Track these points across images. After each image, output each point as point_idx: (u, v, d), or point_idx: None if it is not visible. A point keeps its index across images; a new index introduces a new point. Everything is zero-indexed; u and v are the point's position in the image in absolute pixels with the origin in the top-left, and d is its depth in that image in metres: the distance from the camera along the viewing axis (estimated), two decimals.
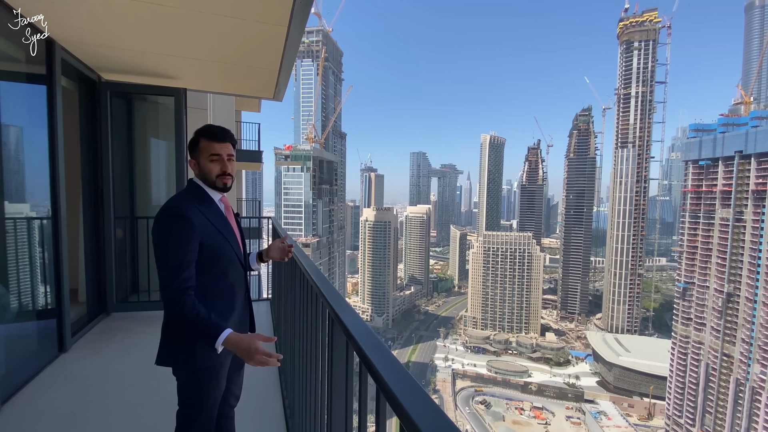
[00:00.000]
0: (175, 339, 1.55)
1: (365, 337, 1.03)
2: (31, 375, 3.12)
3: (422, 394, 0.72)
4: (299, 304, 2.21)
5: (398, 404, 0.69)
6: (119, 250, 4.72)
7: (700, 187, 62.91)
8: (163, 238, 1.46)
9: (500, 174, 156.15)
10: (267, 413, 2.62)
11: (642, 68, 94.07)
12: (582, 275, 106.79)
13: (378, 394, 0.80)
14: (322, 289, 1.56)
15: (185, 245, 1.45)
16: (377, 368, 0.84)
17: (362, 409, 1.04)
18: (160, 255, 1.46)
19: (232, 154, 1.66)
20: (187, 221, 1.46)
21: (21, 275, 3.34)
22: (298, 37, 3.21)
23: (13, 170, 3.27)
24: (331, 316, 1.31)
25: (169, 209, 1.49)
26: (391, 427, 3.61)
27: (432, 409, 0.67)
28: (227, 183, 1.64)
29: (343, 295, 4.52)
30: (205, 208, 1.57)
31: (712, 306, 58.75)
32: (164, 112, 5.03)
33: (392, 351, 2.15)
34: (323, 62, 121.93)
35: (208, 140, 1.60)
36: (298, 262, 2.35)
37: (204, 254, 1.51)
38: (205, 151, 1.60)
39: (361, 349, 0.97)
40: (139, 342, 4.00)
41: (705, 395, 57.61)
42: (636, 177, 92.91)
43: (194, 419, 1.58)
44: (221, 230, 1.58)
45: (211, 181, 1.61)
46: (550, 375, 77.63)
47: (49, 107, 3.47)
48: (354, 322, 1.13)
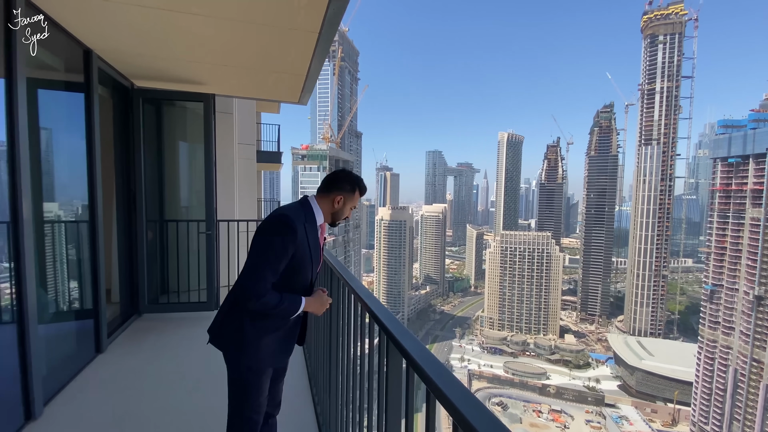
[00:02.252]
0: (231, 330, 1.67)
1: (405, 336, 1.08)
2: (71, 376, 3.23)
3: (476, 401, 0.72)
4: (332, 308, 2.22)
5: (453, 407, 0.70)
6: (150, 252, 4.85)
7: (730, 186, 60.38)
8: (267, 239, 1.60)
9: (518, 172, 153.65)
10: (300, 421, 2.64)
11: (667, 63, 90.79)
12: (603, 276, 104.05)
13: (428, 395, 0.85)
14: (361, 295, 1.55)
15: (282, 251, 1.59)
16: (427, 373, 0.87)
17: (410, 413, 1.09)
18: (258, 253, 1.59)
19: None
20: (293, 232, 1.60)
21: (59, 276, 3.46)
22: (327, 43, 3.21)
23: (53, 175, 3.39)
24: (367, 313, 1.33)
25: (282, 217, 1.62)
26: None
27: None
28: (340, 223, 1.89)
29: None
30: (308, 227, 1.70)
31: (741, 309, 56.40)
32: (193, 117, 5.13)
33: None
34: (339, 62, 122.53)
35: (360, 195, 1.84)
36: (330, 264, 2.36)
37: (289, 267, 1.64)
38: (355, 201, 1.83)
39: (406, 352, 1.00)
40: (171, 343, 4.10)
41: (733, 401, 55.37)
42: (661, 175, 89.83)
43: (239, 415, 1.69)
44: (312, 252, 1.70)
45: (337, 219, 1.83)
46: (569, 378, 76.01)
47: (87, 114, 3.58)
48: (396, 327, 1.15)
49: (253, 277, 1.56)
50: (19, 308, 2.50)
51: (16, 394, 2.50)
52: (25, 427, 2.51)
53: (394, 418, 1.23)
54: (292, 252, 1.61)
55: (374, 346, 1.51)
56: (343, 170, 1.84)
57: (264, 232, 1.61)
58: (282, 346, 1.75)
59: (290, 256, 1.62)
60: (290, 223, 1.59)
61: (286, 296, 1.63)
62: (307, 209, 1.73)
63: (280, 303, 1.60)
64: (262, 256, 1.57)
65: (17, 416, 2.51)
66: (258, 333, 1.66)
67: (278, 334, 1.71)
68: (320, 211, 1.77)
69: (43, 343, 2.86)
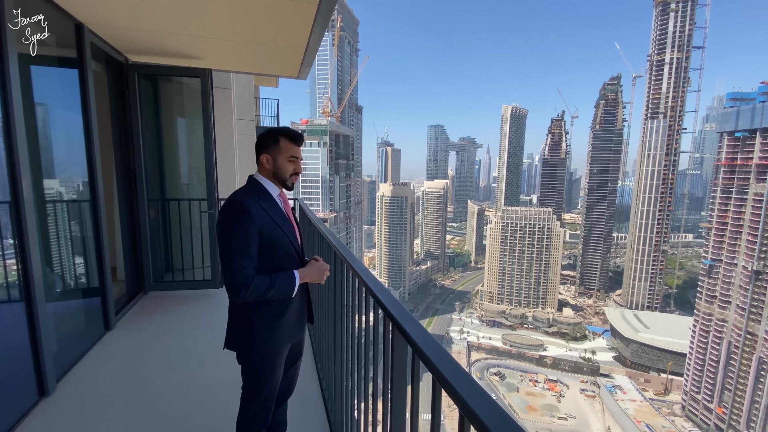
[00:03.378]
0: (237, 328, 1.68)
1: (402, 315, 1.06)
2: (81, 353, 3.31)
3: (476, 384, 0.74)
4: (332, 285, 2.24)
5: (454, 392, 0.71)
6: (153, 230, 4.86)
7: (735, 161, 59.58)
8: (226, 230, 1.57)
9: (521, 147, 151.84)
10: (306, 396, 2.71)
11: (678, 32, 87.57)
12: (603, 251, 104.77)
13: (434, 385, 0.85)
14: (364, 278, 1.55)
15: (246, 236, 1.56)
16: (430, 358, 0.88)
17: (415, 391, 1.09)
18: (224, 246, 1.57)
19: (301, 157, 1.81)
20: (247, 214, 1.57)
21: (65, 256, 3.49)
22: (328, 13, 3.07)
23: (51, 154, 3.35)
24: (365, 291, 1.37)
25: (231, 203, 1.60)
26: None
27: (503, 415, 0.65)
28: (295, 182, 1.78)
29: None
30: (265, 203, 1.67)
31: (738, 283, 57.04)
32: (190, 93, 5.00)
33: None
34: (339, 32, 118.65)
35: (290, 142, 1.73)
36: (327, 239, 2.37)
37: (263, 247, 1.62)
38: (285, 151, 1.72)
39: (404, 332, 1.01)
40: (177, 320, 4.18)
41: (725, 372, 57.01)
42: (666, 150, 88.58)
43: (254, 400, 1.73)
44: (279, 224, 1.68)
45: (283, 178, 1.74)
46: (565, 349, 78.03)
47: (82, 91, 3.49)
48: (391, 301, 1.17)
49: (231, 270, 1.54)
50: (26, 287, 2.53)
51: (29, 372, 2.57)
52: (39, 403, 2.59)
53: (398, 393, 1.25)
54: (258, 231, 1.58)
55: (372, 322, 1.52)
56: (264, 130, 1.77)
57: (221, 224, 1.59)
58: (292, 324, 1.75)
59: (259, 237, 1.59)
60: (240, 206, 1.57)
61: (276, 276, 1.61)
62: (256, 186, 1.71)
63: (271, 284, 1.58)
64: (229, 248, 1.55)
65: (31, 393, 2.58)
66: (267, 321, 1.66)
67: (287, 316, 1.71)
68: (269, 182, 1.73)
69: (52, 321, 2.90)
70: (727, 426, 55.14)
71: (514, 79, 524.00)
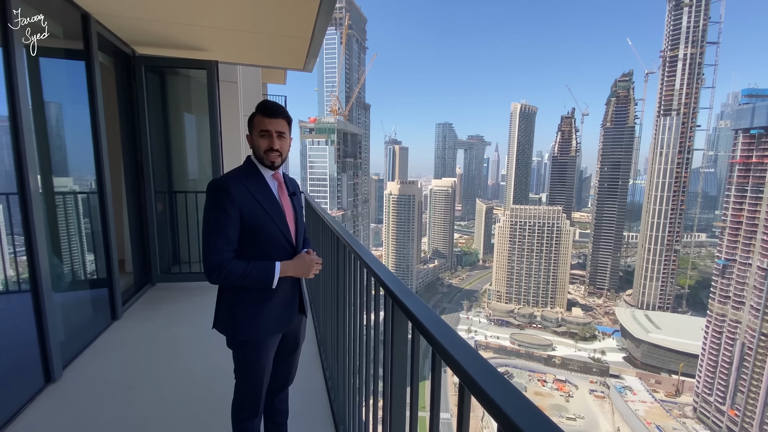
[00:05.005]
0: (221, 311, 1.64)
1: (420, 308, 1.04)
2: (88, 341, 3.33)
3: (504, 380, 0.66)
4: (335, 272, 2.21)
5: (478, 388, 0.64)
6: (160, 223, 4.89)
7: (750, 159, 58.30)
8: (206, 209, 1.53)
9: (530, 145, 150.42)
10: (310, 385, 2.69)
11: (692, 27, 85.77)
12: (613, 250, 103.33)
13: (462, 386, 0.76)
14: (367, 260, 1.52)
15: (223, 215, 1.49)
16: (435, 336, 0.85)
17: (415, 377, 1.07)
18: (204, 225, 1.53)
19: (284, 131, 1.61)
20: (225, 194, 1.49)
21: (73, 247, 3.52)
22: (331, 3, 3.04)
23: (58, 146, 3.37)
24: (370, 275, 1.34)
25: (213, 182, 1.54)
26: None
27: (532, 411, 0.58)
28: (275, 161, 1.60)
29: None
30: (251, 184, 1.57)
31: (753, 284, 55.84)
32: (196, 86, 5.02)
33: None
34: (347, 30, 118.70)
35: (261, 115, 1.58)
36: (332, 227, 2.33)
37: (244, 229, 1.54)
38: (257, 126, 1.58)
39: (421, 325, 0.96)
40: (184, 311, 4.19)
41: (738, 374, 55.92)
42: (678, 147, 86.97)
43: (241, 386, 1.70)
44: (265, 207, 1.57)
45: (258, 156, 1.60)
46: (574, 349, 77.24)
47: (89, 82, 3.51)
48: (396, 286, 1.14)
49: (205, 250, 1.49)
50: (33, 277, 2.55)
51: (35, 359, 2.59)
52: (45, 389, 2.61)
53: (399, 378, 1.23)
54: (239, 213, 1.51)
55: (380, 313, 1.48)
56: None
57: (205, 204, 1.54)
58: (277, 315, 1.64)
59: (239, 219, 1.52)
60: (220, 185, 1.51)
61: (255, 264, 1.52)
62: (248, 167, 1.62)
63: (246, 271, 1.50)
64: (207, 228, 1.50)
65: (38, 379, 2.61)
66: (248, 307, 1.59)
67: (271, 306, 1.61)
68: (261, 163, 1.63)
69: (59, 311, 2.93)
70: (740, 428, 54.12)
71: (523, 76, 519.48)
